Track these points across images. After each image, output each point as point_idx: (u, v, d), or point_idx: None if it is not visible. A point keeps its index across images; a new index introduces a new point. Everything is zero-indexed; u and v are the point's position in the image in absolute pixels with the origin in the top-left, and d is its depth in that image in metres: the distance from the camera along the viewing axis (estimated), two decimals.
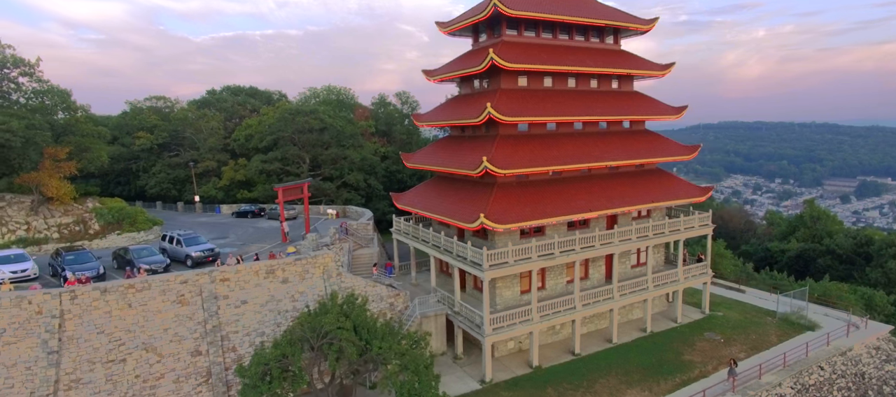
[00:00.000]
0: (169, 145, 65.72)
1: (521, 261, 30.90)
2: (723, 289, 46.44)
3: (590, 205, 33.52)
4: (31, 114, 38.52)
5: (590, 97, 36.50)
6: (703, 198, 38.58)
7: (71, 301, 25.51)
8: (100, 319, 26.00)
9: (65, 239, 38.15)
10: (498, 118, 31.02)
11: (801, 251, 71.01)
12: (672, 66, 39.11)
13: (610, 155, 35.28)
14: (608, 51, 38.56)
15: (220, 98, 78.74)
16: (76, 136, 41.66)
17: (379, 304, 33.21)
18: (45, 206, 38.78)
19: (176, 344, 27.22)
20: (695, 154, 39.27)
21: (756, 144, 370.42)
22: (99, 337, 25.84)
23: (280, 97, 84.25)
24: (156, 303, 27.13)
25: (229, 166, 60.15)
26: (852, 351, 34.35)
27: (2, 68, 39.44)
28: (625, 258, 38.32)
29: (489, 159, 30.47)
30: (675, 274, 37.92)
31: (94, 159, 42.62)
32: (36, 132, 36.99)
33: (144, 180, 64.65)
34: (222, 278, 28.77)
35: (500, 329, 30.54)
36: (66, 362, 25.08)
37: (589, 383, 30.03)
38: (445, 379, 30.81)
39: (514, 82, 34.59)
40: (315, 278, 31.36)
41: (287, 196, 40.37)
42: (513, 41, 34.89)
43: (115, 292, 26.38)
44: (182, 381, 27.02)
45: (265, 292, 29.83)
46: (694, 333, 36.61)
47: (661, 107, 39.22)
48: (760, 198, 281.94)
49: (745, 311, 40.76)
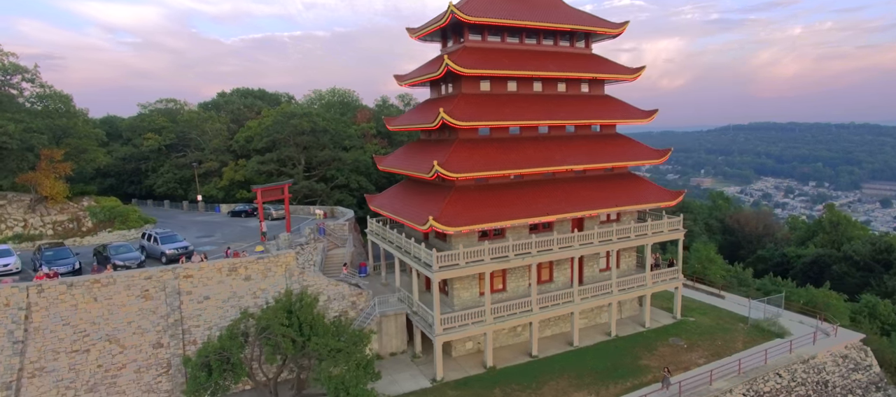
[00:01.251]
0: (176, 146, 68.56)
1: (473, 263, 31.51)
2: (703, 295, 45.92)
3: (548, 208, 33.89)
4: (31, 117, 41.12)
5: (554, 101, 36.80)
6: (672, 203, 38.37)
7: (38, 294, 27.43)
8: (66, 312, 27.86)
9: (59, 235, 40.61)
10: (451, 123, 31.75)
11: (817, 257, 69.07)
12: (642, 70, 39.04)
13: (572, 159, 35.53)
14: (577, 55, 38.77)
15: (228, 100, 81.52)
16: (75, 138, 44.24)
17: (341, 303, 34.36)
18: (43, 205, 41.35)
19: (138, 336, 28.90)
20: (665, 158, 39.10)
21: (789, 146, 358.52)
22: (64, 329, 27.70)
23: (288, 99, 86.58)
24: (120, 297, 28.88)
25: (230, 167, 62.42)
26: (815, 359, 33.72)
27: (4, 75, 42.21)
28: (593, 262, 38.48)
29: (442, 163, 31.23)
30: (642, 278, 37.85)
31: (91, 160, 45.17)
32: (32, 135, 39.53)
33: (153, 180, 67.61)
34: (185, 275, 30.36)
35: (451, 329, 31.24)
36: (31, 351, 27.00)
37: (538, 385, 30.43)
38: (400, 376, 31.79)
39: (475, 87, 35.22)
40: (277, 276, 32.69)
41: (267, 196, 41.90)
42: (475, 46, 35.53)
43: (81, 286, 28.21)
44: (143, 371, 28.69)
45: (227, 289, 31.31)
46: (659, 338, 36.51)
47: (631, 110, 39.18)
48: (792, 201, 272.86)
49: (720, 317, 40.32)
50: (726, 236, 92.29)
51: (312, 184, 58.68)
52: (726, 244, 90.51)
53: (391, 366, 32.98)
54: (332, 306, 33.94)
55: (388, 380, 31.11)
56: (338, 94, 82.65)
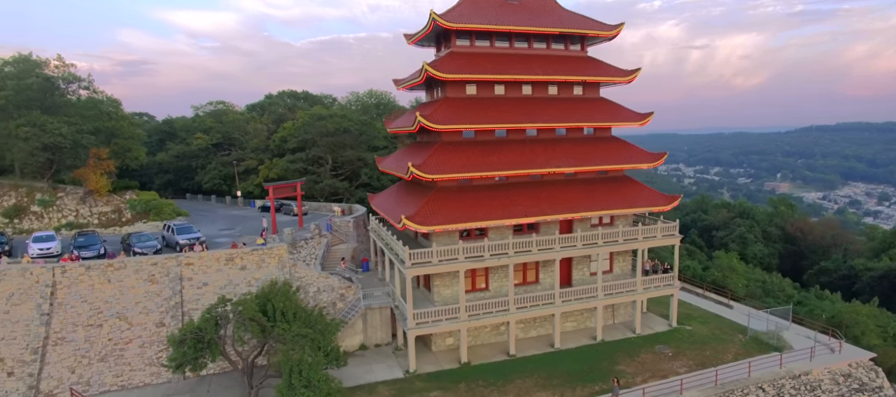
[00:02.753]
0: (222, 145, 74.40)
1: (447, 262, 32.68)
2: (711, 304, 44.28)
3: (528, 210, 34.41)
4: (83, 120, 46.77)
5: (540, 104, 37.14)
6: (667, 208, 37.56)
7: (62, 274, 31.73)
8: (84, 291, 32.01)
9: (103, 224, 45.94)
10: (427, 126, 33.13)
11: (888, 270, 63.42)
12: (637, 72, 38.48)
13: (556, 161, 35.75)
14: (569, 58, 38.82)
15: (273, 101, 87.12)
16: (120, 139, 49.73)
17: (330, 294, 36.70)
18: (91, 197, 46.89)
19: (144, 315, 32.60)
20: (660, 162, 38.31)
21: (885, 148, 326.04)
22: (82, 305, 31.84)
23: (331, 102, 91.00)
24: (130, 280, 32.72)
25: (265, 165, 67.02)
26: (809, 376, 31.98)
27: (65, 84, 48.22)
28: (584, 265, 38.43)
29: (418, 164, 32.68)
30: (632, 283, 37.36)
31: (134, 158, 50.59)
32: (83, 136, 44.99)
33: (201, 176, 73.75)
34: (187, 263, 33.82)
35: (423, 324, 32.61)
36: (54, 323, 31.29)
37: (504, 382, 31.15)
38: (377, 366, 33.59)
39: (460, 91, 36.30)
40: (271, 267, 35.51)
41: (279, 193, 45.16)
42: (462, 52, 36.59)
43: (98, 269, 32.29)
44: (147, 347, 32.31)
45: (224, 277, 34.48)
46: (645, 345, 35.94)
47: (625, 113, 38.69)
48: (888, 209, 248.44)
49: (720, 327, 38.93)
50: (787, 245, 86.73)
51: (336, 182, 61.88)
52: (787, 254, 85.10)
53: (373, 357, 34.85)
54: (321, 297, 36.35)
55: (366, 369, 33.03)
56: (374, 96, 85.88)
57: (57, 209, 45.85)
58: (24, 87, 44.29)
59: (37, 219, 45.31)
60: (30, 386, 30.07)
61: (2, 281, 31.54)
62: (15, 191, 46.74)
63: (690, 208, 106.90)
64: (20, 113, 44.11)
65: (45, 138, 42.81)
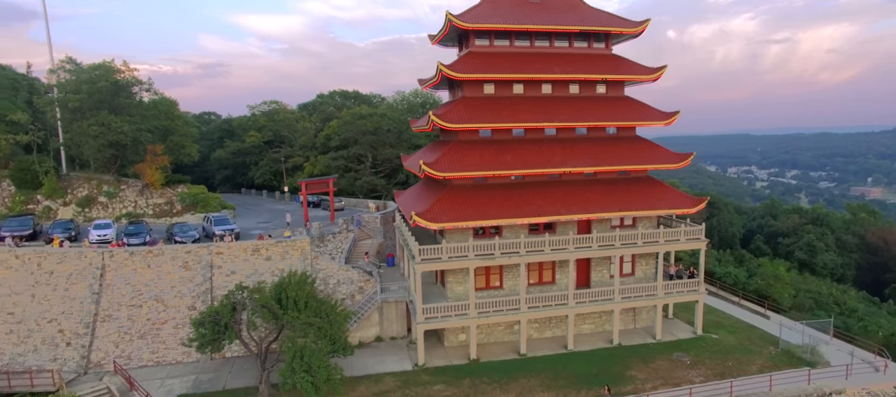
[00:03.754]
0: (273, 142, 78.62)
1: (457, 258, 33.22)
2: (747, 313, 42.00)
3: (542, 210, 34.30)
4: (143, 120, 51.29)
5: (558, 103, 36.76)
6: (693, 210, 36.12)
7: (110, 258, 35.23)
8: (128, 274, 35.36)
9: (156, 215, 50.19)
10: (439, 125, 33.82)
11: None
12: (662, 70, 37.21)
13: (573, 161, 35.33)
14: (591, 56, 38.13)
15: (324, 101, 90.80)
16: (175, 137, 54.05)
17: (349, 287, 38.27)
18: (148, 190, 51.35)
19: (178, 299, 35.53)
20: (685, 163, 36.81)
21: None
22: (126, 287, 35.19)
23: (380, 101, 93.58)
24: (167, 267, 35.77)
25: (310, 161, 70.24)
26: (842, 396, 29.74)
27: (131, 87, 53.05)
28: (603, 267, 37.71)
29: (430, 162, 33.45)
30: (652, 287, 36.25)
31: (187, 154, 54.84)
32: (141, 133, 49.38)
33: (254, 172, 78.36)
34: (217, 252, 36.48)
35: (433, 319, 33.35)
36: (103, 302, 34.81)
37: (508, 381, 31.29)
38: (389, 358, 34.73)
39: (478, 90, 36.65)
40: (294, 258, 37.57)
41: (312, 189, 47.43)
42: (481, 51, 36.91)
43: (140, 255, 35.56)
44: (179, 328, 35.18)
45: (250, 266, 36.88)
46: (664, 352, 34.79)
47: (649, 112, 37.51)
48: None
49: (749, 337, 36.93)
50: (867, 256, 79.95)
51: (375, 179, 63.85)
52: (867, 265, 78.49)
53: (387, 349, 36.03)
54: (340, 289, 37.99)
55: (378, 360, 34.26)
56: (420, 95, 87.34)
57: (119, 200, 50.58)
58: (96, 91, 49.23)
59: (103, 208, 50.19)
60: (82, 356, 33.68)
61: (63, 262, 35.49)
62: (87, 183, 51.95)
63: (758, 213, 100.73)
64: (92, 113, 49.08)
65: (110, 136, 47.42)
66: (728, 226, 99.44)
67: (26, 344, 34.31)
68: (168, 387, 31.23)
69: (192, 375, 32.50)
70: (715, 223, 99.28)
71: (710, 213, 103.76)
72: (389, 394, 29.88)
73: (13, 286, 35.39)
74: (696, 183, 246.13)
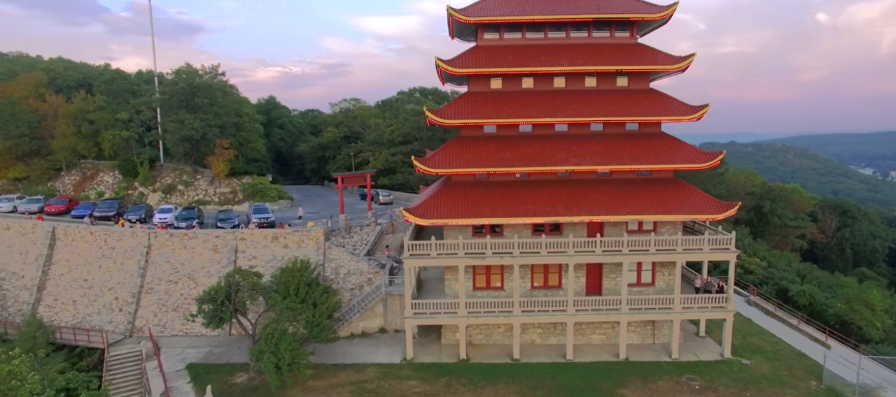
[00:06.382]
0: (349, 138, 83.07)
1: (446, 256, 32.81)
2: (803, 339, 36.04)
3: (540, 210, 32.65)
4: (215, 117, 57.27)
5: (570, 97, 34.51)
6: (721, 216, 31.93)
7: (154, 238, 40.07)
8: (168, 253, 39.95)
9: (221, 202, 55.78)
10: (434, 121, 33.55)
11: None
12: (691, 58, 33.27)
13: (578, 159, 33.06)
14: (613, 46, 35.24)
15: (402, 97, 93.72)
16: (243, 132, 59.57)
17: (358, 277, 39.53)
18: (217, 180, 57.26)
19: (207, 278, 39.32)
20: (714, 163, 32.53)
21: None
22: (166, 265, 39.79)
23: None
24: (199, 248, 39.79)
25: (375, 156, 73.16)
26: None
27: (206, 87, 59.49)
28: (616, 274, 34.82)
29: (425, 159, 33.39)
30: (668, 300, 32.71)
31: (253, 149, 60.18)
32: (210, 129, 55.23)
33: (331, 165, 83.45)
34: (241, 238, 39.77)
35: (421, 314, 33.32)
36: (148, 276, 39.71)
37: (486, 385, 30.28)
38: (382, 350, 35.38)
39: (484, 85, 35.71)
40: (309, 247, 39.71)
41: (348, 183, 49.63)
42: (490, 45, 35.89)
43: (178, 236, 39.99)
44: None
45: (270, 252, 39.67)
46: (674, 373, 31.28)
47: (674, 106, 33.77)
48: None
49: (790, 367, 31.79)
50: None
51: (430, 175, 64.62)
52: None
53: (386, 340, 36.67)
54: (350, 279, 39.38)
55: (371, 351, 35.05)
56: None
57: (193, 188, 57.04)
58: (176, 92, 56.01)
59: (180, 195, 56.96)
60: (129, 322, 38.82)
61: (122, 240, 41.13)
62: (172, 173, 59.32)
63: None
64: (173, 111, 55.95)
65: (183, 131, 53.67)
66: (866, 239, 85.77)
67: (93, 307, 40.36)
68: (185, 355, 34.82)
69: (207, 348, 35.86)
70: (846, 234, 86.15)
71: (843, 223, 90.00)
72: (364, 384, 30.47)
73: (88, 257, 41.78)
74: (841, 187, 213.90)
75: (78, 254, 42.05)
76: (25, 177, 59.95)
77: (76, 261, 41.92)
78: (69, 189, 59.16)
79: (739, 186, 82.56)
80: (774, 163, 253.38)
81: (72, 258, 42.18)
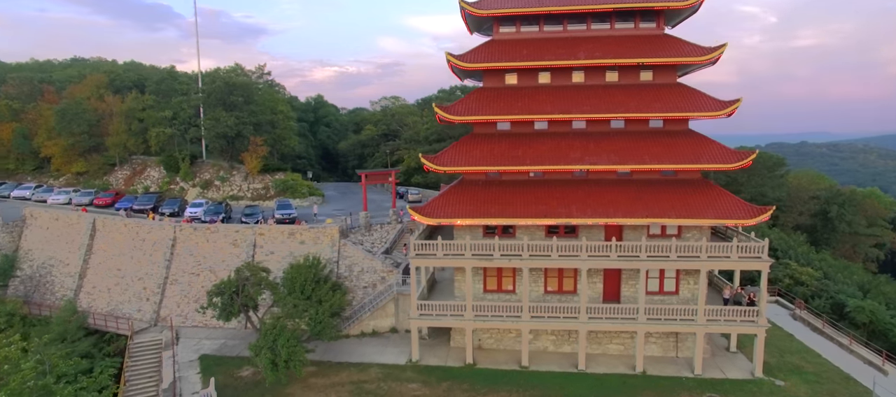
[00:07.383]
0: (387, 135, 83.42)
1: (452, 257, 31.78)
2: (856, 361, 32.32)
3: (552, 211, 31.04)
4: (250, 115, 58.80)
5: (589, 92, 32.60)
6: (752, 221, 29.12)
7: (180, 232, 41.42)
8: (191, 246, 41.17)
9: (254, 198, 57.18)
10: (443, 117, 32.60)
11: None
12: (720, 50, 30.48)
13: (593, 158, 31.15)
14: (635, 38, 32.99)
15: (443, 96, 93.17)
16: (278, 130, 60.87)
17: (371, 275, 39.20)
18: (251, 176, 58.81)
19: (226, 271, 39.99)
20: (744, 163, 29.66)
21: None
22: (189, 258, 41.03)
23: None
24: (220, 243, 40.75)
25: (409, 155, 72.96)
26: None
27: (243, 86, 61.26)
28: (636, 280, 32.57)
29: (432, 156, 32.53)
30: (691, 312, 30.19)
31: (287, 146, 61.37)
32: (244, 126, 56.76)
33: (369, 163, 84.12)
34: (259, 233, 40.38)
35: (427, 316, 32.49)
36: (173, 268, 41.11)
37: (487, 392, 29.05)
38: (390, 350, 34.86)
39: (499, 80, 34.39)
40: (324, 244, 39.78)
41: (371, 180, 49.57)
42: (505, 38, 34.52)
43: (201, 230, 41.14)
44: None
45: (286, 248, 40.05)
46: (693, 390, 28.81)
47: (701, 102, 31.11)
48: None
49: (832, 393, 28.50)
50: None
51: None
52: None
53: (395, 340, 36.11)
54: (364, 277, 39.10)
55: (378, 350, 34.60)
56: None
57: (228, 184, 58.84)
58: (213, 90, 57.95)
59: (216, 190, 58.90)
60: (154, 311, 40.35)
61: (151, 232, 42.85)
62: (210, 168, 61.50)
63: None
64: (211, 109, 57.94)
65: (218, 128, 55.43)
66: None
67: (125, 295, 42.26)
68: (200, 346, 35.69)
69: (223, 340, 36.59)
70: None
71: None
72: (364, 385, 29.99)
73: (121, 247, 43.83)
74: None
75: (113, 244, 44.20)
76: (86, 171, 63.94)
77: (112, 251, 44.08)
78: (121, 183, 62.57)
79: (802, 189, 76.28)
80: (854, 164, 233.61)
81: (108, 248, 44.40)
